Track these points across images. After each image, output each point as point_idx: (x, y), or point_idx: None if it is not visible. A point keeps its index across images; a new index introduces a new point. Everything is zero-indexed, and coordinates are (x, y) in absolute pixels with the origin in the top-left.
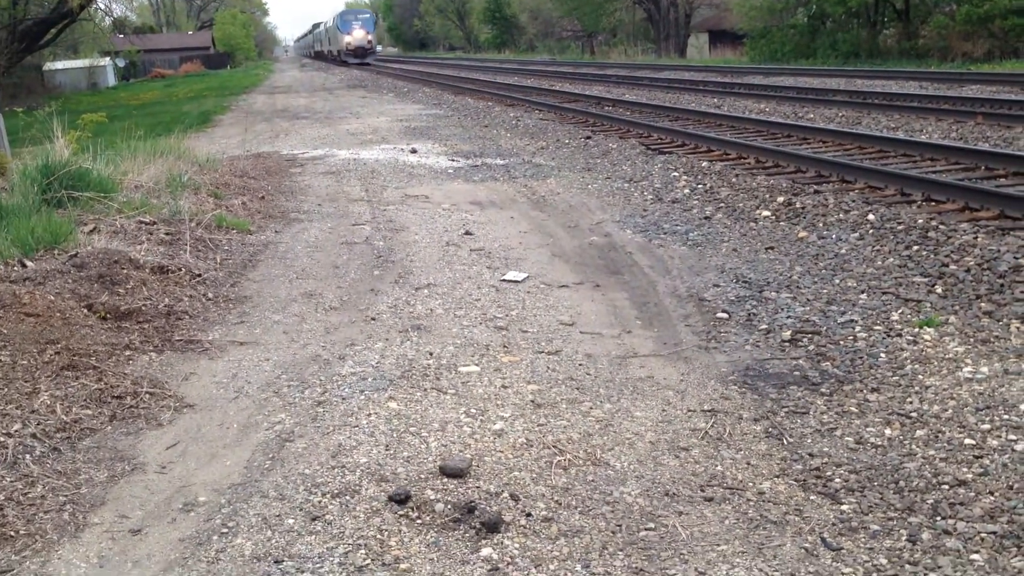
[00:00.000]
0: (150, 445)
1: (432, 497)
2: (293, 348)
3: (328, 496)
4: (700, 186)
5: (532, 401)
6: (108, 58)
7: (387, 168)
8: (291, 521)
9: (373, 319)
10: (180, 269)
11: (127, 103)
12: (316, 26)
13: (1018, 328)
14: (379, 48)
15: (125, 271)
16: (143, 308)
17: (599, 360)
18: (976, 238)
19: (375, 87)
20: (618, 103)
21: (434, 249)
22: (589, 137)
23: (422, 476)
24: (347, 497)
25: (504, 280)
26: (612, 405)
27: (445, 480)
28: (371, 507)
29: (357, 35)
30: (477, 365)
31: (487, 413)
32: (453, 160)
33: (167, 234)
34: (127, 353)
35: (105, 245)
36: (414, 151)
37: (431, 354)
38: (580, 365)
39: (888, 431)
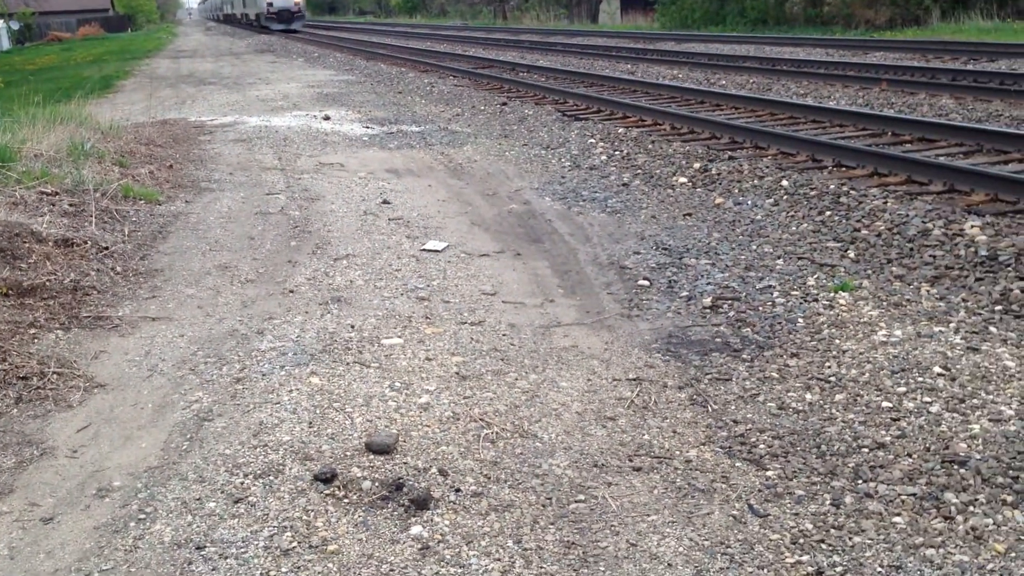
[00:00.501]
0: (60, 428)
1: (359, 475)
2: (209, 323)
3: (251, 477)
4: (617, 153)
5: (457, 373)
6: (1, 21)
7: (300, 135)
8: (212, 504)
9: (291, 291)
10: (86, 242)
11: (22, 68)
12: None
13: (928, 291)
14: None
15: (27, 245)
16: (47, 283)
17: (523, 330)
18: (886, 203)
19: (284, 52)
20: (533, 69)
21: (352, 219)
22: (505, 103)
23: (348, 453)
24: (270, 477)
25: (424, 250)
26: (538, 376)
27: (371, 457)
28: (296, 487)
29: None
30: (400, 337)
31: (412, 387)
32: (368, 127)
33: (71, 205)
34: (31, 331)
35: (4, 217)
36: (327, 118)
37: (352, 327)
38: (504, 335)
39: (808, 396)
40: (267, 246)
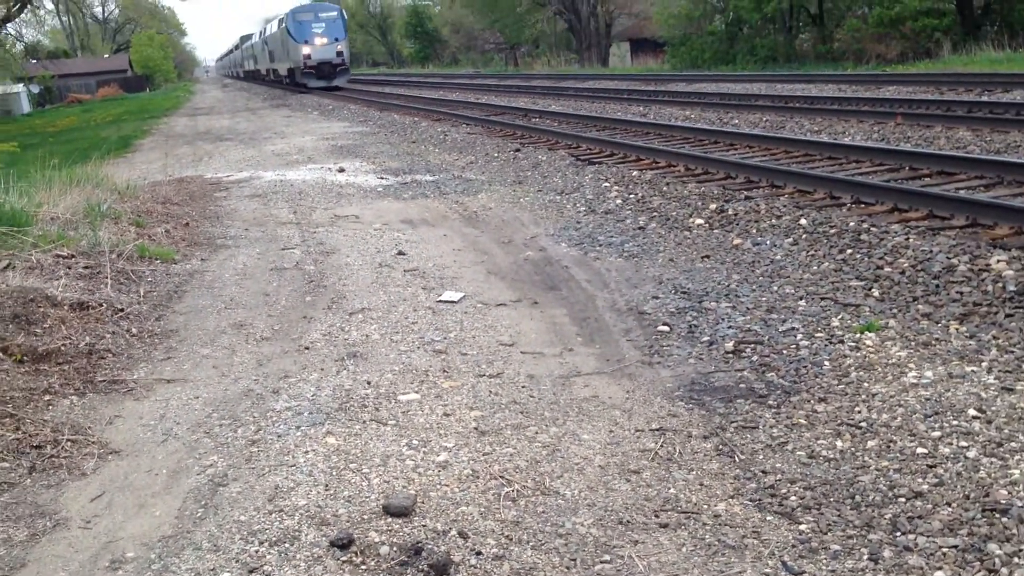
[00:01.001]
0: (73, 497)
1: (376, 540)
2: (224, 383)
3: (266, 545)
4: (632, 196)
5: (476, 428)
6: (21, 84)
7: (315, 189)
8: (227, 575)
9: (307, 348)
10: (101, 304)
11: (42, 130)
12: (245, 39)
13: (957, 329)
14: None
15: (42, 309)
16: (62, 348)
17: (542, 381)
18: (908, 239)
19: (299, 106)
20: (545, 114)
21: (367, 271)
22: (518, 150)
23: (365, 517)
24: (286, 545)
25: (440, 301)
26: (558, 428)
27: (389, 520)
28: (312, 554)
29: (321, 43)
30: (417, 392)
31: (430, 444)
32: (382, 178)
33: (86, 267)
34: (46, 398)
35: (20, 282)
36: (342, 170)
37: (369, 383)
38: (523, 387)
39: (839, 443)
40: (282, 302)
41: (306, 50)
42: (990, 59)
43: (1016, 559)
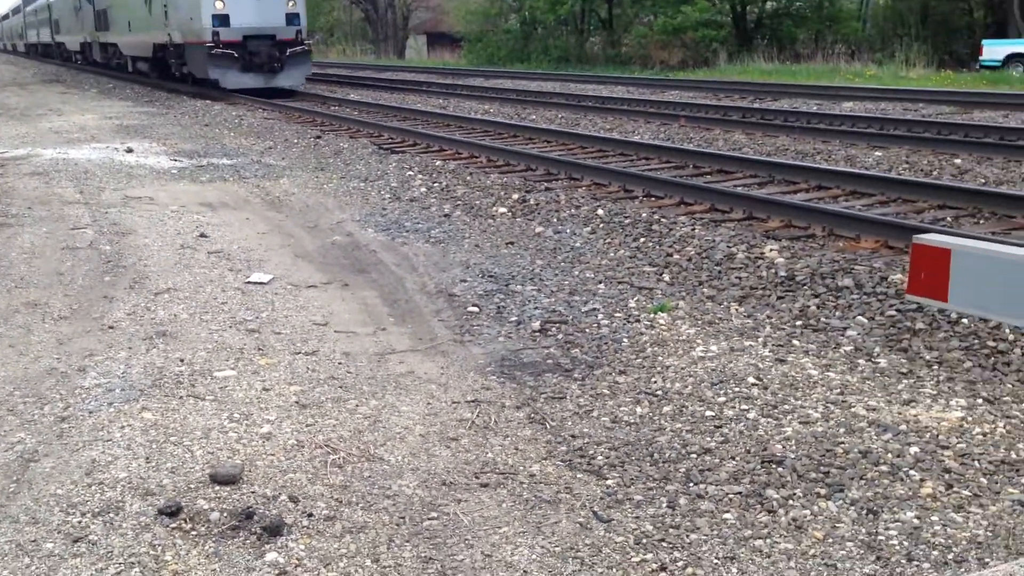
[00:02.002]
0: None
1: (206, 507)
2: (23, 362)
3: (89, 515)
4: (436, 185)
5: (297, 402)
6: None
7: (102, 168)
8: (50, 545)
9: (111, 327)
10: None
11: None
12: None
13: (737, 310)
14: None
15: None
16: None
17: (358, 358)
18: (694, 230)
19: (75, 83)
20: (344, 103)
21: (168, 252)
22: (319, 137)
23: (191, 486)
24: (111, 515)
25: (249, 282)
26: (378, 401)
27: (217, 488)
28: (139, 523)
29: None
30: (234, 369)
31: (251, 417)
32: (175, 160)
33: None
34: None
35: None
36: (130, 150)
37: (182, 360)
38: (340, 364)
39: (639, 409)
40: (79, 282)
41: (219, 5)
42: (761, 70)
43: (790, 501)
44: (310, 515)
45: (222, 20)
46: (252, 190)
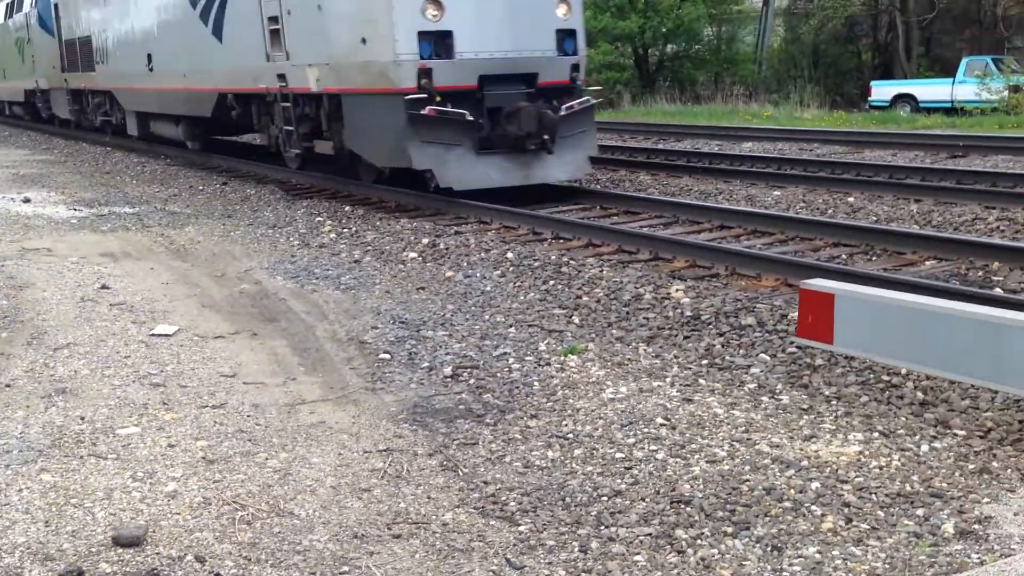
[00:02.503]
0: None
1: (108, 570)
2: None
3: None
4: (346, 230)
5: (203, 458)
6: None
7: None
8: None
9: (7, 386)
10: None
11: None
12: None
13: (645, 350)
14: None
15: None
16: None
17: (267, 410)
18: (602, 271)
19: None
20: (253, 147)
21: (68, 306)
22: (226, 183)
23: (93, 550)
24: None
25: (154, 334)
26: (288, 454)
27: (120, 551)
28: None
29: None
30: (137, 426)
31: (156, 475)
32: (75, 209)
33: None
34: None
35: None
36: (27, 200)
37: (83, 418)
38: (248, 416)
39: (550, 453)
40: None
41: (430, 14)
42: (664, 111)
43: (698, 541)
44: (217, 575)
45: (437, 43)
46: (156, 239)
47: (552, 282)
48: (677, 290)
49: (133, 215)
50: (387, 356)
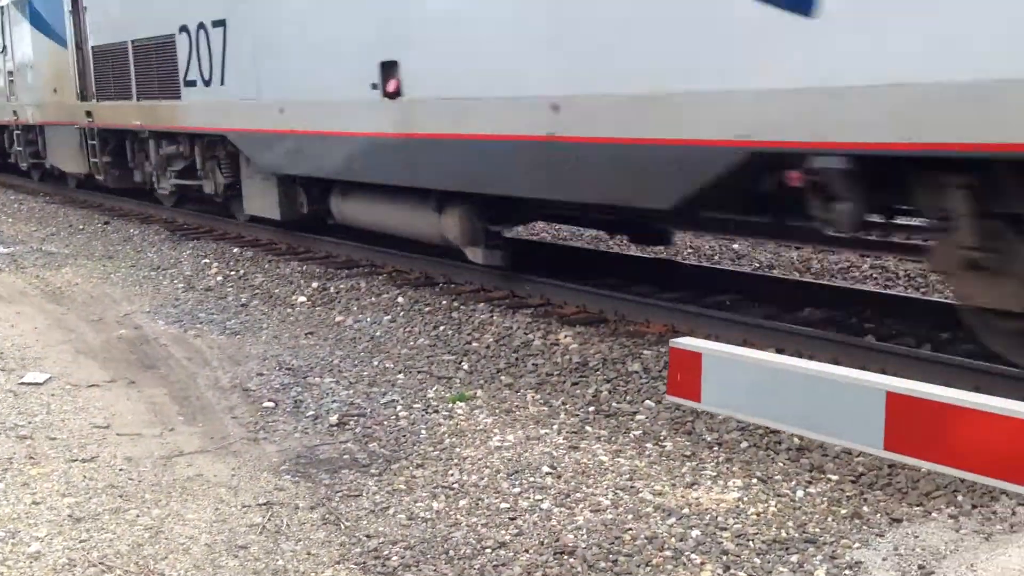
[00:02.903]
0: None
1: None
2: None
3: None
4: (233, 273)
5: (70, 515)
6: None
7: None
8: None
9: None
10: None
11: None
12: None
13: (533, 397)
14: None
15: None
16: None
17: (142, 463)
18: (492, 316)
19: None
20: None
21: None
22: (108, 223)
23: None
24: None
25: (23, 383)
26: (161, 510)
27: None
28: None
29: None
30: (0, 482)
31: (18, 535)
32: None
33: None
34: None
35: None
36: None
37: None
38: (121, 470)
39: (435, 504)
40: None
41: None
42: None
43: None
44: None
45: None
46: (31, 281)
47: (443, 327)
48: (566, 336)
49: (6, 255)
50: (271, 404)
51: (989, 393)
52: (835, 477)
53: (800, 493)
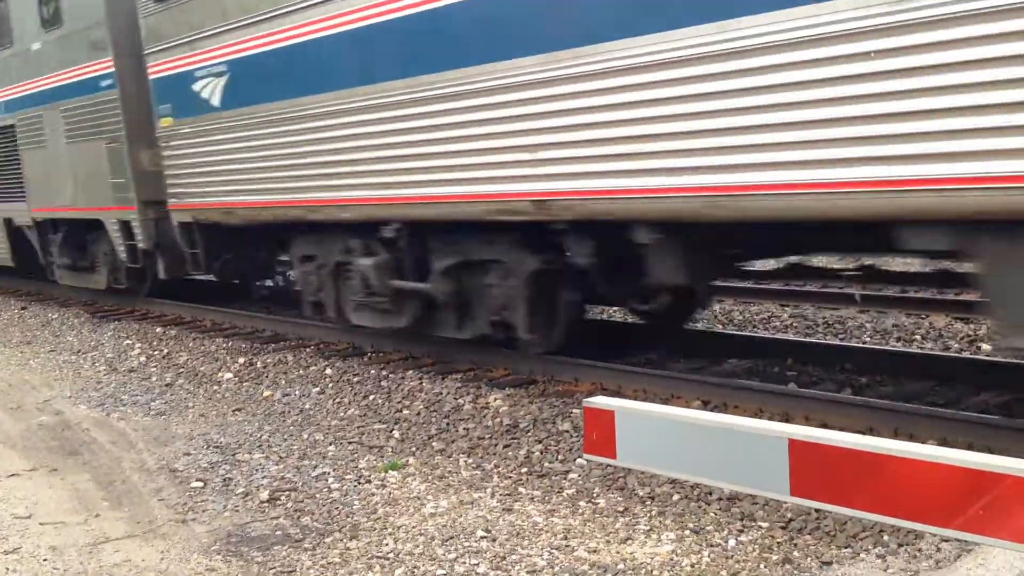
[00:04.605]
0: None
1: None
2: None
3: None
4: (157, 352)
5: None
6: None
7: None
8: None
9: None
10: None
11: None
12: None
13: (466, 461)
14: None
15: None
16: None
17: (66, 552)
18: (422, 383)
19: None
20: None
21: None
22: (24, 307)
23: None
24: None
25: None
26: None
27: None
28: None
29: None
30: None
31: None
32: None
33: None
34: None
35: None
36: None
37: None
38: (45, 560)
39: (371, 575)
40: None
41: None
42: None
43: None
44: None
45: None
46: None
47: (372, 396)
48: (496, 399)
49: None
50: (200, 484)
51: (911, 432)
52: (765, 524)
53: (732, 542)
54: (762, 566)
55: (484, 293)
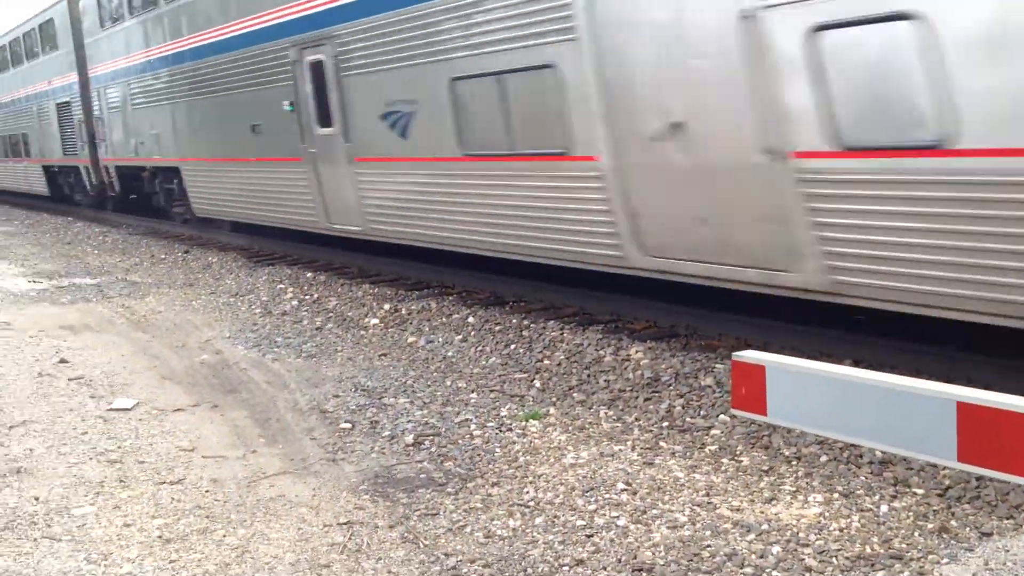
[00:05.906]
0: None
1: None
2: None
3: None
4: (308, 297)
5: (160, 537)
6: None
7: None
8: None
9: None
10: None
11: None
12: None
13: (606, 413)
14: None
15: None
16: None
17: (226, 484)
18: (563, 333)
19: None
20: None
21: (25, 381)
22: (187, 251)
23: None
24: None
25: (112, 409)
26: (246, 530)
27: None
28: None
29: None
30: (93, 505)
31: (111, 556)
32: (35, 282)
33: None
34: None
35: None
36: None
37: (37, 499)
38: (207, 492)
39: (512, 522)
40: None
41: None
42: None
43: None
44: None
45: None
46: (117, 310)
47: (513, 345)
48: (637, 352)
49: (94, 286)
50: (348, 425)
51: None
52: (920, 491)
53: (884, 508)
54: (916, 534)
55: None
